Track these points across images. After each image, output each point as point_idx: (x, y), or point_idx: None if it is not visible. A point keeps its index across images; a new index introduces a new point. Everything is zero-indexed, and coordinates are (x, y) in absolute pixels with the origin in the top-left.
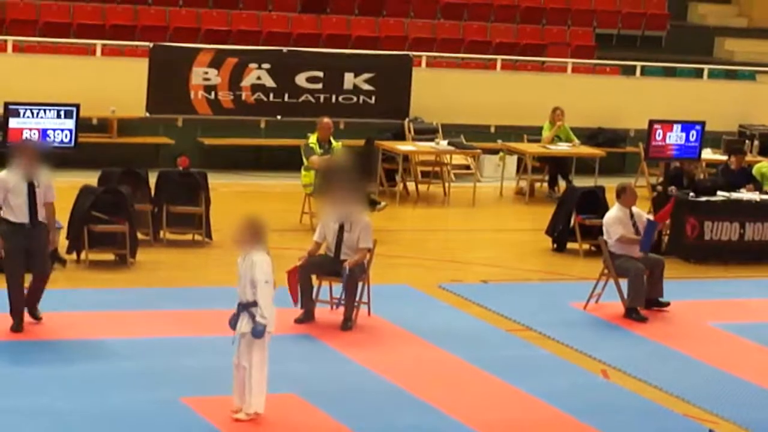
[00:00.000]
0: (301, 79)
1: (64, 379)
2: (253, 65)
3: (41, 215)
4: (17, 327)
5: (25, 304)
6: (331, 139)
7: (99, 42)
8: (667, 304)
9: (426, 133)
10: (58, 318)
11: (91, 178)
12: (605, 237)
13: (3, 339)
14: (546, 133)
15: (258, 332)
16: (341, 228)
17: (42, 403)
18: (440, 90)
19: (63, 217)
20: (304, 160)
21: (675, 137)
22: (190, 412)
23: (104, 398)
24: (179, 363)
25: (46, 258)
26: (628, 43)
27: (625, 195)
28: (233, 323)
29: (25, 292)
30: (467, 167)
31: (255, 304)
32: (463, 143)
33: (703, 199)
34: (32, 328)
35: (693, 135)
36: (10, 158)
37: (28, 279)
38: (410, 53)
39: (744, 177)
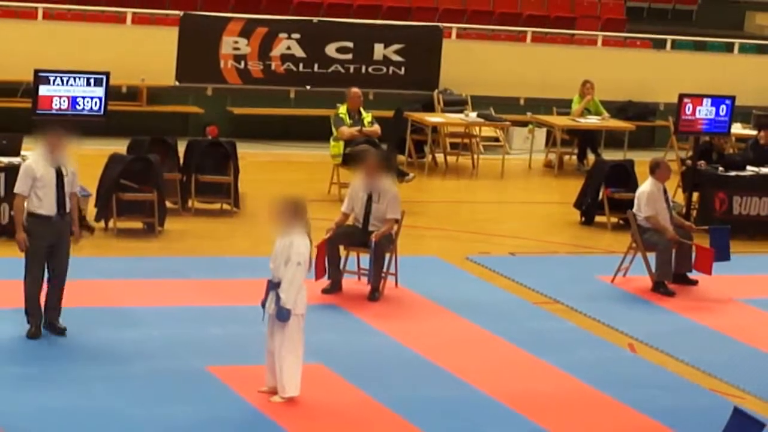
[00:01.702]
0: (330, 50)
1: (90, 346)
2: (283, 35)
3: (68, 206)
4: (35, 332)
5: (42, 314)
6: (361, 109)
7: (129, 10)
8: (695, 282)
9: (455, 104)
10: (85, 285)
11: (121, 147)
12: (635, 210)
13: (21, 305)
14: (575, 106)
15: (282, 315)
16: (369, 199)
17: (68, 370)
18: (470, 62)
19: (92, 185)
20: (334, 130)
21: (705, 111)
22: (216, 381)
23: (130, 366)
24: (206, 332)
25: (67, 255)
26: (659, 17)
27: (659, 170)
28: (264, 302)
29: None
30: (496, 139)
31: (278, 284)
32: (492, 115)
33: (732, 173)
34: None
35: (723, 109)
36: (37, 139)
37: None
38: (440, 24)
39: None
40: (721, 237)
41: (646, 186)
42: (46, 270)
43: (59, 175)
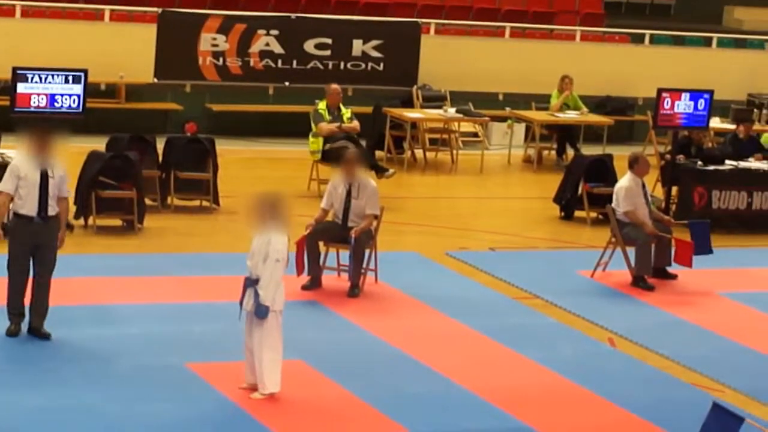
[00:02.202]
0: (309, 46)
1: (70, 344)
2: (261, 31)
3: (52, 209)
4: (14, 330)
5: (24, 313)
6: (341, 105)
7: (107, 7)
8: (675, 276)
9: (434, 100)
10: (65, 283)
11: (99, 144)
12: (614, 205)
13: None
14: (554, 101)
15: (261, 312)
16: (348, 194)
17: (48, 368)
18: (449, 57)
19: (71, 183)
20: (313, 126)
21: (683, 106)
22: (196, 377)
23: (110, 363)
24: (186, 329)
25: (54, 259)
26: (637, 11)
27: (638, 165)
28: (242, 300)
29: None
30: (475, 135)
31: (256, 282)
32: (472, 111)
33: (711, 168)
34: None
35: (701, 104)
36: (21, 140)
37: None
38: (419, 20)
39: (752, 146)
40: (701, 231)
41: (624, 181)
42: (31, 270)
43: (44, 177)
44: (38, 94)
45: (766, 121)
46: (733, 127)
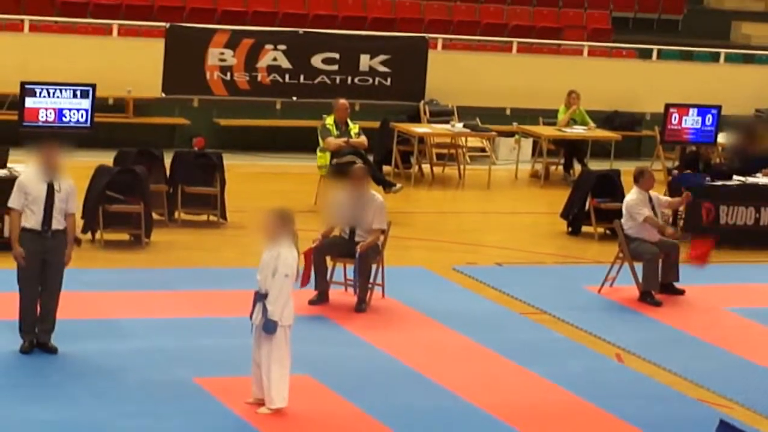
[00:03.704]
0: (316, 61)
1: (78, 359)
2: (269, 46)
3: (58, 223)
4: (28, 348)
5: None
6: (348, 120)
7: (115, 22)
8: (682, 292)
9: (441, 115)
10: (72, 297)
11: (107, 158)
12: (626, 220)
13: (15, 318)
14: (561, 116)
15: (269, 327)
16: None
17: (55, 383)
18: (456, 72)
19: (79, 197)
20: (320, 141)
21: (691, 121)
22: (203, 392)
23: (118, 378)
24: (193, 343)
25: (60, 274)
26: (645, 27)
27: (643, 179)
28: (252, 314)
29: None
30: (482, 150)
31: (265, 296)
32: (479, 126)
33: (719, 183)
34: None
35: (709, 119)
36: (30, 155)
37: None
38: (426, 35)
39: (760, 161)
40: None
41: (632, 195)
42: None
43: (50, 191)
44: (46, 109)
45: None
46: None
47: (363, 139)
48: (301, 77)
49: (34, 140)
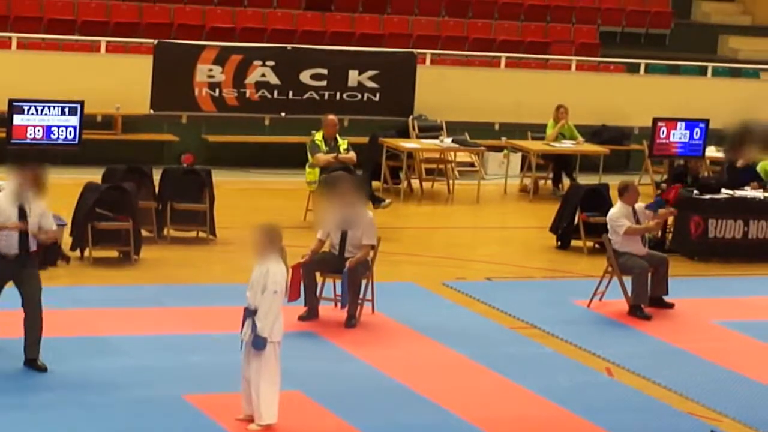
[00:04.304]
0: (305, 76)
1: (67, 376)
2: (257, 62)
3: (33, 245)
4: None
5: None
6: (337, 136)
7: (103, 39)
8: (672, 305)
9: (430, 130)
10: (62, 315)
11: (96, 175)
12: (610, 235)
13: (5, 336)
14: (550, 131)
15: (258, 344)
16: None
17: (45, 400)
18: (444, 87)
19: (67, 214)
20: (309, 157)
21: (679, 135)
22: (193, 409)
23: (107, 395)
24: (182, 360)
25: (38, 291)
26: (632, 41)
27: (627, 193)
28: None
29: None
30: (471, 165)
31: (254, 312)
32: (468, 141)
33: (707, 196)
34: None
35: (697, 133)
36: (11, 173)
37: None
38: (414, 50)
39: (748, 174)
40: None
41: (615, 209)
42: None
43: (21, 214)
44: (35, 126)
45: None
46: None
47: (352, 154)
48: (290, 93)
49: (16, 159)
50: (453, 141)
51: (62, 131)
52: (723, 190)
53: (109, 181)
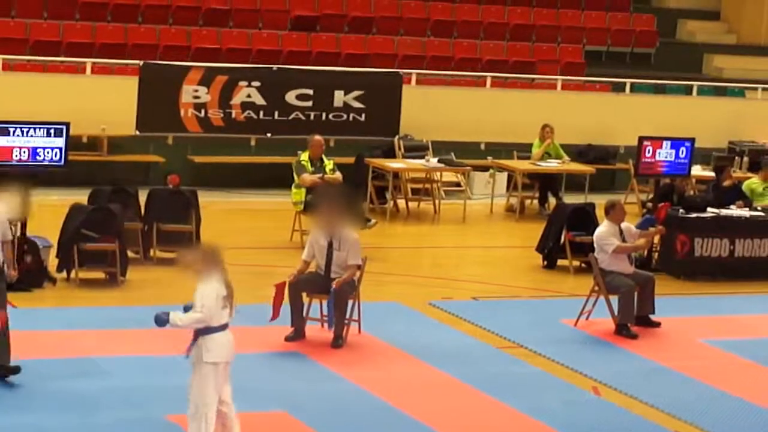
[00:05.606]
0: (291, 97)
1: (52, 396)
2: (243, 83)
3: None
4: None
5: None
6: (323, 156)
7: (89, 60)
8: (658, 324)
9: (416, 150)
10: (48, 336)
11: (82, 197)
12: (597, 254)
13: None
14: (536, 150)
15: (157, 319)
16: (330, 246)
17: (29, 422)
18: (430, 107)
19: (53, 236)
20: (295, 177)
21: (665, 154)
22: (177, 429)
23: (92, 416)
24: (167, 381)
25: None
26: (618, 60)
27: (614, 211)
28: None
29: None
30: (457, 184)
31: (205, 331)
32: (454, 160)
33: (693, 215)
34: (20, 346)
35: (683, 151)
36: None
37: None
38: (400, 71)
39: (734, 193)
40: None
41: (602, 228)
42: None
43: None
44: (20, 148)
45: (747, 168)
46: (714, 174)
47: (338, 175)
48: (276, 113)
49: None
50: (439, 161)
51: (48, 152)
52: (709, 209)
53: (95, 203)
